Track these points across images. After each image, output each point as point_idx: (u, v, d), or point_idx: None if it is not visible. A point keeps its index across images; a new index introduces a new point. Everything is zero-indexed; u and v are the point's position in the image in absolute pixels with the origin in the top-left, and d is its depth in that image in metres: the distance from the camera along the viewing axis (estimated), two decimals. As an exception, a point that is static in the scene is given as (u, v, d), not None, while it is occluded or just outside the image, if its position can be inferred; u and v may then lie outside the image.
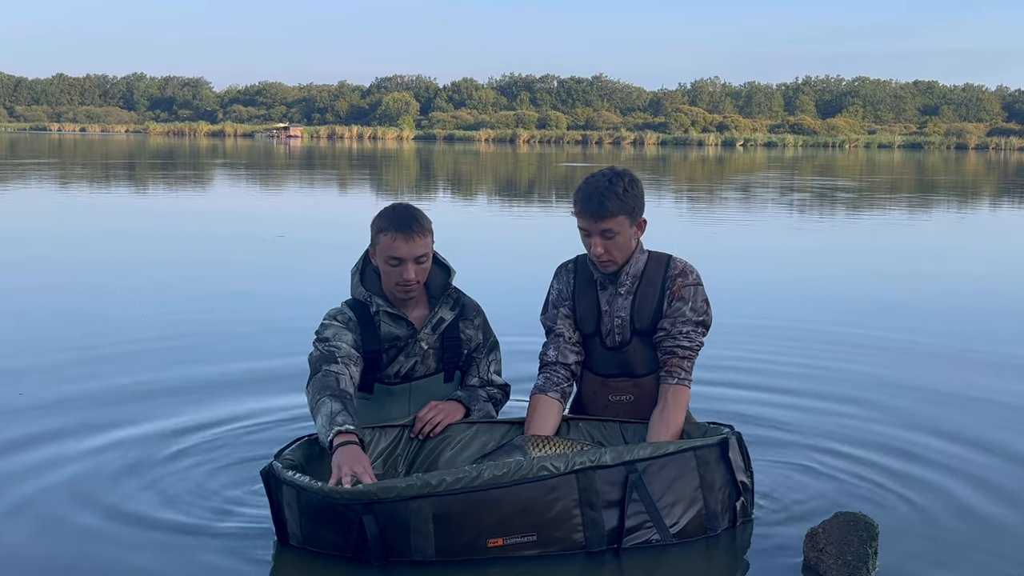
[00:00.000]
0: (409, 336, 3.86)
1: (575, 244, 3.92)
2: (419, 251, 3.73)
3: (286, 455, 3.48)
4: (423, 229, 3.75)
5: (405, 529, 3.22)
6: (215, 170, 33.84)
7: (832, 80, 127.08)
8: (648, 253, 3.91)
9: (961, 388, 5.80)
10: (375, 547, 3.21)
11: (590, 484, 3.34)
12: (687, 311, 3.80)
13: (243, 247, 12.45)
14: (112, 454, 4.42)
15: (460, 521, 3.23)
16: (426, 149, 68.45)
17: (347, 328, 3.79)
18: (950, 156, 70.68)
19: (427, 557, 3.24)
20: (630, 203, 3.75)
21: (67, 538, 3.55)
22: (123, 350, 6.35)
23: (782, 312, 8.13)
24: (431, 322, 3.88)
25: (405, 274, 3.72)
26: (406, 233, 3.70)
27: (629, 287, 3.85)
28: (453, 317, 3.93)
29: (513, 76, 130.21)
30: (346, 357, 3.70)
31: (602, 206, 3.70)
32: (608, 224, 3.72)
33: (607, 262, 3.80)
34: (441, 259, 3.97)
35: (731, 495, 3.60)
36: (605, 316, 3.88)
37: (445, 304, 3.92)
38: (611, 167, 3.86)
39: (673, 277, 3.83)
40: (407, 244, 3.70)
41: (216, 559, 3.40)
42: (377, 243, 3.78)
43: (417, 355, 3.89)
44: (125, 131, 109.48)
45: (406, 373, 3.91)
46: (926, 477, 4.32)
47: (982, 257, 12.88)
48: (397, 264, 3.72)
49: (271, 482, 3.41)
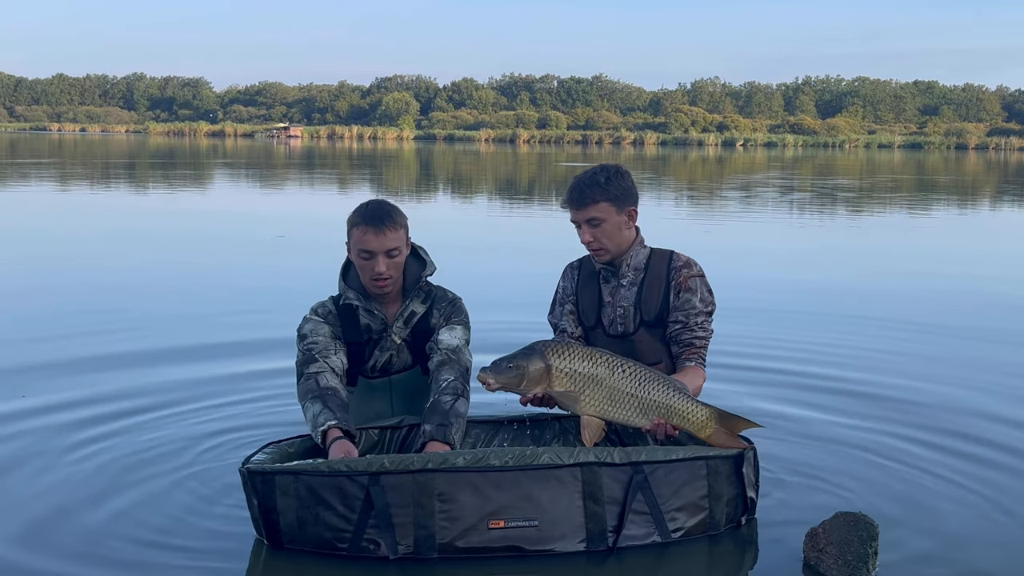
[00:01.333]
0: (382, 330, 3.92)
1: (574, 244, 3.96)
2: (389, 244, 3.77)
3: (255, 460, 3.48)
4: (394, 223, 3.80)
5: (410, 503, 3.25)
6: (215, 170, 33.84)
7: (832, 80, 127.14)
8: (650, 249, 4.05)
9: (962, 388, 5.80)
10: (382, 517, 3.24)
11: (595, 479, 3.37)
12: (696, 302, 3.96)
13: (243, 247, 12.45)
14: (98, 453, 4.43)
15: (464, 499, 3.28)
16: (426, 149, 68.45)
17: (325, 321, 3.88)
18: (950, 156, 70.67)
19: (428, 533, 3.26)
20: (613, 191, 3.90)
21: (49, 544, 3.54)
22: (119, 349, 6.36)
23: (782, 311, 8.13)
24: (402, 316, 3.92)
25: (376, 267, 3.77)
26: (376, 227, 3.76)
27: (632, 279, 3.99)
28: (424, 310, 3.96)
29: (513, 76, 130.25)
30: (324, 350, 3.80)
31: (583, 194, 3.90)
32: (592, 212, 3.89)
33: (598, 250, 3.94)
34: (421, 254, 4.01)
35: (738, 508, 3.62)
36: (608, 307, 4.01)
37: (416, 297, 3.94)
38: (601, 164, 4.03)
39: (678, 268, 3.98)
40: (377, 238, 3.76)
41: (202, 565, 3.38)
42: (351, 237, 3.85)
43: (391, 349, 3.94)
44: (125, 131, 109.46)
45: (383, 367, 3.97)
46: (926, 477, 4.32)
47: (982, 257, 12.90)
48: (368, 257, 3.78)
49: (256, 482, 3.35)
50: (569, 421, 4.06)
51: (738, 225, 16.49)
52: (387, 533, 3.26)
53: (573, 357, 3.59)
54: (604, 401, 3.60)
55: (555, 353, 3.59)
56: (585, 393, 3.59)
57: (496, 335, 5.92)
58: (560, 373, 3.57)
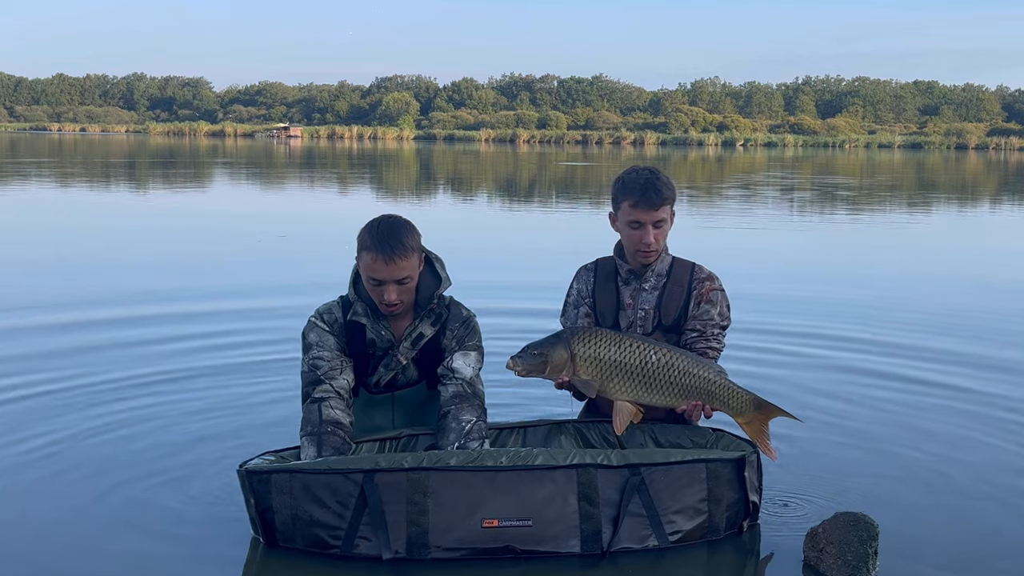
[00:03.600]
0: (388, 347, 3.78)
1: (576, 244, 3.95)
2: (400, 274, 3.59)
3: (253, 461, 3.50)
4: (405, 250, 3.58)
5: (404, 500, 3.27)
6: (215, 169, 33.82)
7: (832, 80, 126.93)
8: (672, 256, 4.08)
9: (962, 388, 5.80)
10: (375, 514, 3.25)
11: (591, 480, 3.36)
12: (715, 315, 3.99)
13: (244, 246, 12.45)
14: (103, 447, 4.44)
15: (457, 498, 3.29)
16: (426, 149, 68.41)
17: (330, 331, 3.74)
18: (950, 156, 70.64)
19: (422, 531, 3.27)
20: (674, 194, 4.00)
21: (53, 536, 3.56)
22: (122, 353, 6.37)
23: (782, 311, 8.13)
24: (410, 336, 3.77)
25: (386, 295, 3.60)
26: (387, 255, 3.55)
27: (654, 283, 4.01)
28: (434, 333, 3.80)
29: (513, 76, 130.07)
30: (330, 371, 3.67)
31: (660, 195, 3.90)
32: (662, 213, 3.92)
33: (653, 252, 3.95)
34: (437, 268, 3.81)
35: (739, 513, 3.59)
36: (628, 309, 4.01)
37: (427, 319, 3.78)
38: (633, 166, 4.06)
39: (701, 280, 4.01)
40: (387, 267, 3.56)
41: (199, 562, 3.40)
42: (360, 259, 3.67)
43: (396, 368, 3.80)
44: (125, 131, 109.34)
45: (387, 383, 3.84)
46: (926, 477, 4.33)
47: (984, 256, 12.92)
48: (377, 284, 3.61)
49: (253, 481, 3.37)
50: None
51: (738, 225, 16.50)
52: (380, 531, 3.27)
53: (599, 344, 3.61)
54: (637, 386, 3.63)
55: (579, 340, 3.62)
56: (614, 379, 3.61)
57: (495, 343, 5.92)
58: (584, 360, 3.60)
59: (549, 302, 4.38)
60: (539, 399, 5.16)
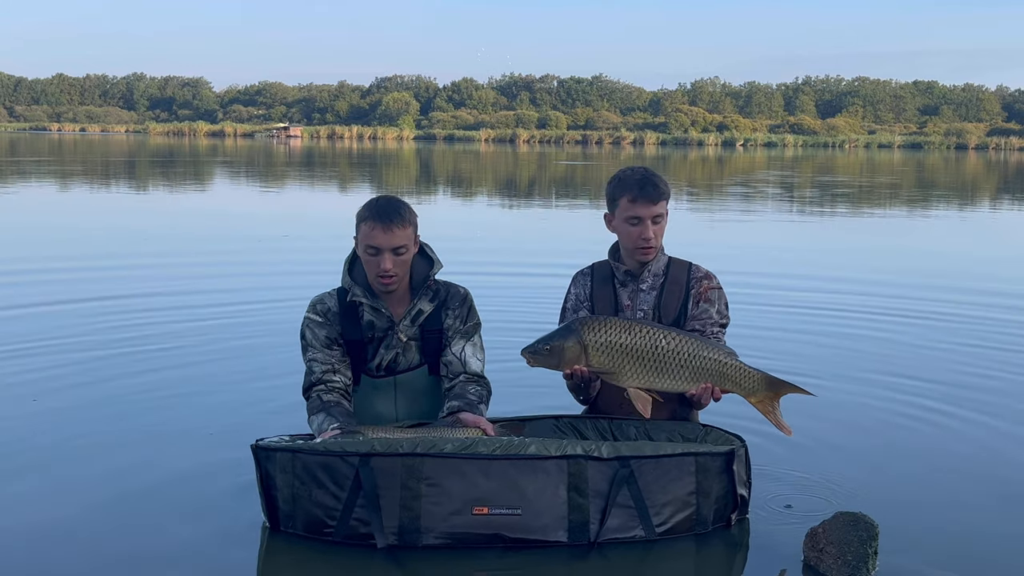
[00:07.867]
0: (388, 327, 3.88)
1: (575, 244, 3.96)
2: (397, 242, 3.74)
3: (267, 440, 3.56)
4: (403, 220, 3.76)
5: (398, 485, 3.33)
6: (215, 169, 33.82)
7: (832, 80, 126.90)
8: (668, 256, 4.09)
9: (962, 388, 5.80)
10: (370, 496, 3.31)
11: (582, 472, 3.40)
12: (714, 314, 4.01)
13: (246, 246, 12.45)
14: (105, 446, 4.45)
15: (451, 484, 3.34)
16: (426, 149, 68.41)
17: (324, 322, 3.87)
18: (950, 156, 70.64)
19: (414, 516, 3.33)
20: (669, 191, 4.05)
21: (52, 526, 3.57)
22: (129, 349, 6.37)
23: (782, 310, 8.14)
24: (410, 314, 3.89)
25: (383, 264, 3.74)
26: (385, 223, 3.73)
27: (651, 284, 4.03)
28: (433, 309, 3.92)
29: (513, 76, 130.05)
30: (325, 372, 3.82)
31: (657, 189, 3.95)
32: (660, 208, 3.96)
33: (652, 248, 3.97)
34: (428, 252, 3.98)
35: (727, 506, 3.62)
36: (627, 310, 4.03)
37: (424, 296, 3.91)
38: (627, 166, 4.09)
39: (699, 279, 4.03)
40: (385, 234, 3.73)
41: (206, 545, 3.47)
42: (359, 231, 3.82)
43: (397, 347, 3.90)
44: (125, 131, 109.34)
45: (388, 366, 3.92)
46: (927, 477, 4.34)
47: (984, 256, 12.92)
48: (375, 253, 3.75)
49: (261, 457, 3.48)
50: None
51: (740, 223, 16.49)
52: (374, 514, 3.33)
53: (610, 331, 3.64)
54: (649, 371, 3.66)
55: (590, 329, 3.65)
56: (626, 365, 3.64)
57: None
58: (596, 349, 3.63)
59: (549, 302, 4.38)
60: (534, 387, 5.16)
